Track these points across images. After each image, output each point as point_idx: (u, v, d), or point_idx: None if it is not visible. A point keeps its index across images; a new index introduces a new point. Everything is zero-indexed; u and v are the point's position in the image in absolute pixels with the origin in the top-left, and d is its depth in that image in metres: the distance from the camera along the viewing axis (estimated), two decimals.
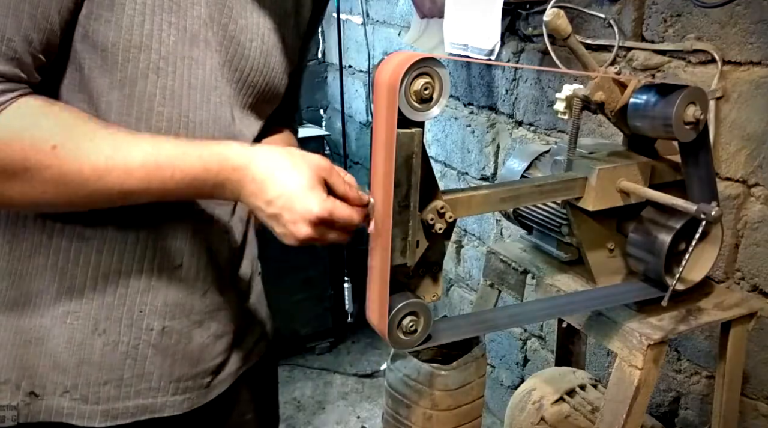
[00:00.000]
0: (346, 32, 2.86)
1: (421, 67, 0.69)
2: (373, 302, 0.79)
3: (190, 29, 0.72)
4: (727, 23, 1.23)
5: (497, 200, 0.93)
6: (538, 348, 2.01)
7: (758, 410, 1.32)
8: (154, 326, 0.79)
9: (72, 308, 0.75)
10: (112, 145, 0.65)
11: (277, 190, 0.68)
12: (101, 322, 0.76)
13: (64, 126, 0.65)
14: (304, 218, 0.67)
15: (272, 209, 0.68)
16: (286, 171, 0.69)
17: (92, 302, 0.76)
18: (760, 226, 1.26)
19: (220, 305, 0.86)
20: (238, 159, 0.69)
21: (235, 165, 0.69)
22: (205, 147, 0.69)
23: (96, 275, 0.75)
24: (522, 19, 1.77)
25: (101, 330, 0.77)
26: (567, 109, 1.06)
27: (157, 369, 0.80)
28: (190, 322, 0.82)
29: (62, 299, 0.75)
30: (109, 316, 0.77)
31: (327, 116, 3.29)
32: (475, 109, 2.10)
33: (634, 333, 1.00)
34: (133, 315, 0.78)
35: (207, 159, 0.68)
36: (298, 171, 0.69)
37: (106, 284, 0.76)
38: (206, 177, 0.68)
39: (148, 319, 0.78)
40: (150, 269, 0.77)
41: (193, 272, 0.81)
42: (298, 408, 2.45)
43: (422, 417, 1.19)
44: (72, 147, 0.64)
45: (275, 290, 2.67)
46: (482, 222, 2.17)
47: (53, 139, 0.63)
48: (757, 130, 1.22)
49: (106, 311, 0.76)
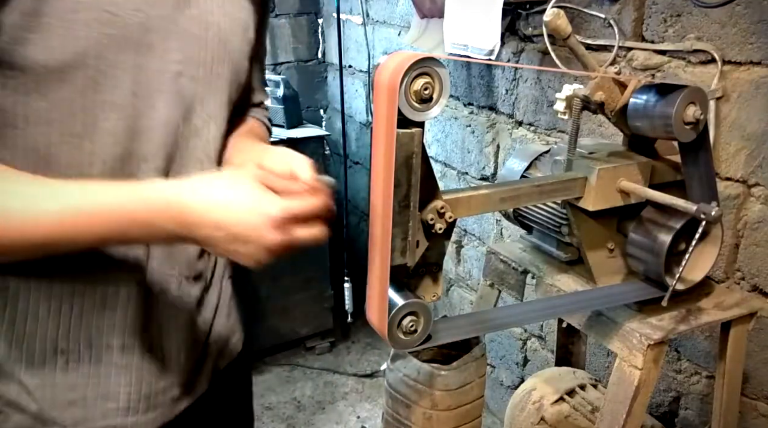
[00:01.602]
0: (346, 32, 2.86)
1: (421, 67, 0.69)
2: (373, 302, 0.79)
3: (132, 36, 0.68)
4: (727, 23, 1.23)
5: (497, 200, 0.93)
6: (538, 348, 2.01)
7: (758, 410, 1.32)
8: (113, 343, 0.75)
9: (28, 330, 0.72)
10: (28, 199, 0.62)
11: (226, 212, 0.64)
12: (60, 341, 0.73)
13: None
14: (265, 225, 0.63)
15: (227, 232, 0.64)
16: (227, 190, 0.65)
17: (48, 324, 0.72)
18: (760, 226, 1.26)
19: (184, 313, 0.82)
20: (164, 194, 0.65)
21: (166, 201, 0.64)
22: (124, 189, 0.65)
23: (49, 296, 0.71)
24: (522, 19, 1.77)
25: (61, 350, 0.73)
26: (567, 109, 1.06)
27: (123, 387, 0.77)
28: (152, 335, 0.79)
29: (17, 324, 0.71)
30: (67, 336, 0.73)
31: (327, 116, 3.29)
32: (475, 109, 2.10)
33: (634, 333, 1.00)
34: (91, 334, 0.74)
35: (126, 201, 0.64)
36: (238, 185, 0.65)
37: (60, 304, 0.72)
38: (131, 220, 0.64)
39: (107, 337, 0.75)
40: (105, 288, 0.74)
41: (153, 284, 0.77)
42: (298, 408, 2.45)
43: (422, 417, 1.19)
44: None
45: (275, 291, 2.68)
46: (482, 222, 2.17)
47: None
48: (757, 130, 1.22)
49: (63, 332, 0.73)
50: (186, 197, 0.65)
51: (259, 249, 0.65)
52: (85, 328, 0.74)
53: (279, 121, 2.54)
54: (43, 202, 0.62)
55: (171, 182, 0.68)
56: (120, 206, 0.64)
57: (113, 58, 0.67)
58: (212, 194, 0.65)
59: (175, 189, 0.66)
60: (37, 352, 0.73)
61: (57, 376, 0.74)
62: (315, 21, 3.11)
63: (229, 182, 0.66)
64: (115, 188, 0.66)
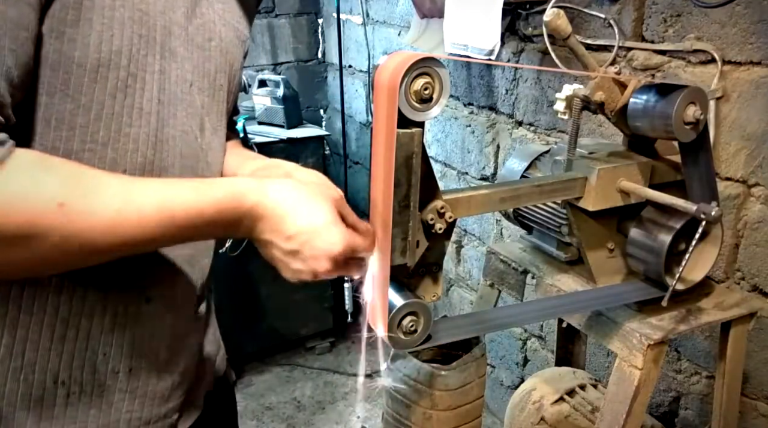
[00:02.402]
0: (346, 32, 2.86)
1: (421, 67, 0.69)
2: (373, 302, 0.79)
3: (159, 40, 0.67)
4: (727, 23, 1.23)
5: (497, 200, 0.93)
6: (538, 348, 2.01)
7: (758, 410, 1.32)
8: (119, 368, 0.72)
9: (26, 361, 0.67)
10: (120, 196, 0.59)
11: (298, 226, 0.65)
12: (62, 372, 0.69)
13: (68, 181, 0.57)
14: (326, 255, 0.65)
15: (292, 245, 0.65)
16: (307, 206, 0.66)
17: (49, 353, 0.68)
18: (760, 226, 1.26)
19: (186, 338, 0.81)
20: (253, 196, 0.65)
21: (252, 202, 0.65)
22: (219, 186, 0.65)
23: (53, 322, 0.67)
24: (522, 19, 1.77)
25: (61, 381, 0.69)
26: (567, 109, 1.06)
27: (124, 414, 0.74)
28: (159, 360, 0.76)
29: (12, 354, 0.66)
30: (70, 364, 0.69)
31: (327, 116, 3.29)
32: (475, 109, 2.10)
33: (634, 333, 1.00)
34: (96, 360, 0.70)
35: (222, 200, 0.64)
36: (318, 205, 0.67)
37: (66, 330, 0.68)
38: (221, 218, 0.64)
39: (113, 362, 0.71)
40: (115, 307, 0.70)
41: (161, 307, 0.75)
42: (298, 408, 2.45)
43: (422, 417, 1.19)
44: (79, 204, 0.57)
45: (275, 291, 2.68)
46: (482, 222, 2.17)
47: (59, 196, 0.55)
48: (757, 130, 1.22)
49: (66, 359, 0.68)
50: (269, 199, 0.65)
51: (307, 272, 0.67)
52: (90, 354, 0.70)
53: (279, 121, 2.54)
54: (140, 198, 0.60)
55: (257, 181, 0.68)
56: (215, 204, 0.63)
57: (143, 60, 0.66)
58: (292, 204, 0.66)
59: (261, 189, 0.66)
60: (35, 385, 0.68)
61: (56, 410, 0.70)
62: (315, 21, 3.11)
63: (310, 196, 0.67)
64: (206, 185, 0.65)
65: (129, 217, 0.59)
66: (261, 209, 0.65)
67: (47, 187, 0.56)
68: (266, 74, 2.68)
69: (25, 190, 0.55)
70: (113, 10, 0.62)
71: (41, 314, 0.67)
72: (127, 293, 0.71)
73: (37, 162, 0.57)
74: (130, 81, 0.65)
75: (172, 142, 0.71)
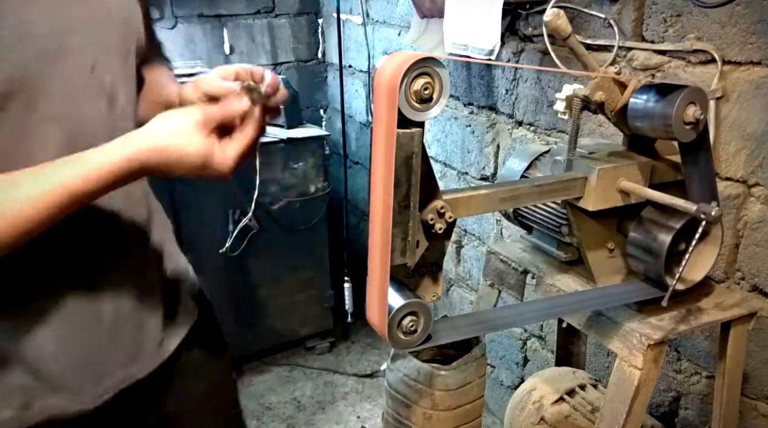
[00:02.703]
0: (346, 32, 2.86)
1: (421, 67, 0.69)
2: (373, 302, 0.79)
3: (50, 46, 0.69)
4: (727, 23, 1.23)
5: (497, 200, 0.93)
6: (538, 348, 2.01)
7: (758, 410, 1.32)
8: None
9: None
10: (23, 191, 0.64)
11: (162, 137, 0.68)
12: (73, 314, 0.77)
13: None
14: (192, 132, 0.68)
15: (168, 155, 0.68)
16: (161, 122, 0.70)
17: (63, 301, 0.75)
18: (760, 226, 1.26)
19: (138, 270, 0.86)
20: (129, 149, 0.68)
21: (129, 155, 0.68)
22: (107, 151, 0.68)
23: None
24: (522, 19, 1.77)
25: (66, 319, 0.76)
26: (567, 109, 1.06)
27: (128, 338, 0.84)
28: None
29: None
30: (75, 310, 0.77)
31: (327, 116, 3.29)
32: (475, 109, 2.10)
33: (634, 333, 1.00)
34: None
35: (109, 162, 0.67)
36: (169, 116, 0.70)
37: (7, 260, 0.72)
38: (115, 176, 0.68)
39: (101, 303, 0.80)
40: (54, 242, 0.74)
41: None
42: (298, 408, 2.45)
43: (422, 417, 1.19)
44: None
45: (275, 291, 2.68)
46: (482, 222, 2.17)
47: None
48: (757, 130, 1.22)
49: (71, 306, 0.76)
50: (137, 142, 0.68)
51: (200, 158, 0.68)
52: None
53: (279, 121, 2.54)
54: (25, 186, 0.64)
55: (125, 138, 0.69)
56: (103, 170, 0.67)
57: (39, 73, 0.68)
58: (150, 128, 0.69)
59: (130, 142, 0.68)
60: None
61: None
62: (315, 21, 3.11)
63: (162, 116, 0.70)
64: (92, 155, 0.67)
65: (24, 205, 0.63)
66: (143, 158, 0.68)
67: None
68: None
69: None
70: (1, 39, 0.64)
71: None
72: None
73: None
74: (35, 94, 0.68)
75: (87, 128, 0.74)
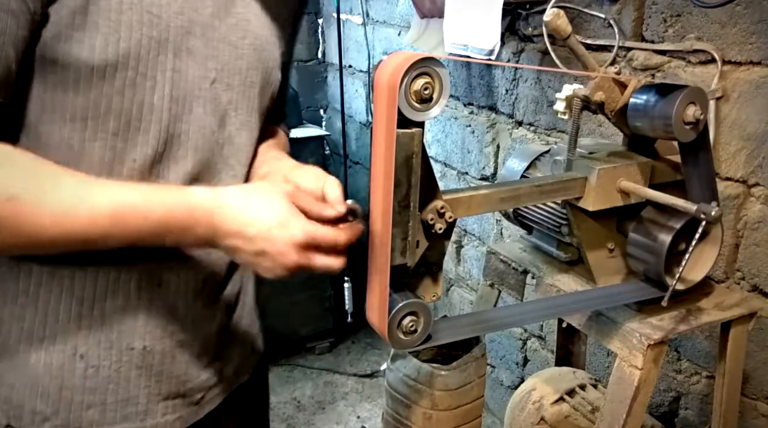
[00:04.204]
0: (346, 32, 2.86)
1: (421, 67, 0.69)
2: (373, 302, 0.79)
3: (173, 41, 0.69)
4: (727, 23, 1.23)
5: (497, 200, 0.93)
6: (538, 348, 2.01)
7: (758, 410, 1.32)
8: (135, 345, 0.76)
9: (48, 333, 0.72)
10: (75, 195, 0.63)
11: (257, 226, 0.67)
12: (80, 346, 0.74)
13: (24, 176, 0.62)
14: (289, 246, 0.67)
15: (255, 246, 0.67)
16: (261, 205, 0.68)
17: (68, 327, 0.73)
18: (760, 226, 1.26)
19: (204, 321, 0.83)
20: (205, 203, 0.67)
21: (204, 211, 0.67)
22: (171, 193, 0.68)
23: (70, 299, 0.72)
24: (522, 19, 1.77)
25: (80, 354, 0.74)
26: (567, 109, 1.06)
27: (143, 390, 0.78)
28: (173, 341, 0.79)
29: (37, 327, 0.72)
30: (87, 340, 0.74)
31: (327, 116, 3.29)
32: (475, 109, 2.10)
33: (634, 333, 1.00)
34: (113, 336, 0.75)
35: (172, 206, 0.66)
36: (272, 202, 0.69)
37: (81, 308, 0.73)
38: (171, 224, 0.66)
39: (128, 339, 0.75)
40: (127, 290, 0.74)
41: (173, 290, 0.78)
42: (298, 408, 2.45)
43: (422, 417, 1.19)
44: (31, 199, 0.61)
45: (275, 291, 2.68)
46: (482, 222, 2.17)
47: (11, 191, 0.60)
48: (757, 130, 1.22)
49: (84, 335, 0.73)
50: (224, 206, 0.68)
51: (277, 267, 0.68)
52: (107, 331, 0.74)
53: None
54: (94, 197, 0.64)
55: (211, 190, 0.70)
56: (165, 209, 0.66)
57: (154, 60, 0.68)
58: (247, 207, 0.68)
59: (214, 198, 0.68)
60: (57, 356, 0.73)
61: (76, 380, 0.74)
62: (315, 21, 3.11)
63: (264, 197, 0.70)
64: (157, 191, 0.67)
65: (80, 215, 0.63)
66: (216, 217, 0.67)
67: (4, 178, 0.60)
68: None
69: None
70: (120, 14, 0.65)
71: (59, 291, 0.72)
72: (139, 276, 0.74)
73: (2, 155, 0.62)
74: (140, 80, 0.68)
75: (185, 136, 0.73)
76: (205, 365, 0.84)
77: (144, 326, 0.76)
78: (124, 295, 0.74)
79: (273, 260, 0.68)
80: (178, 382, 0.80)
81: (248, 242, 0.68)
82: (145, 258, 0.74)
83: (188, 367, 0.81)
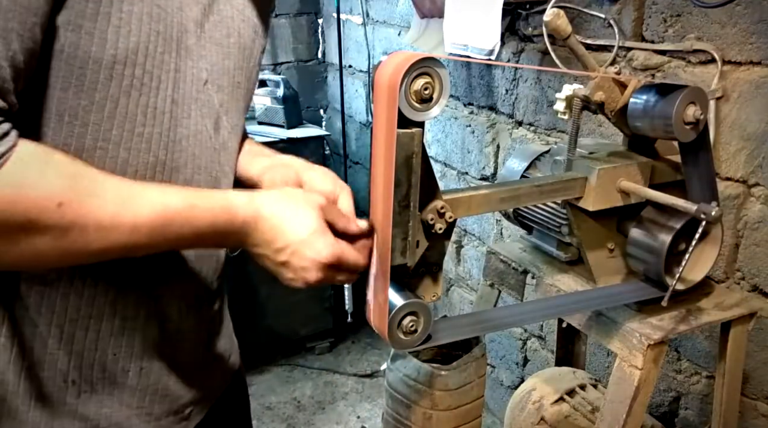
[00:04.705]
0: (346, 32, 2.86)
1: (421, 67, 0.69)
2: (373, 302, 0.79)
3: (176, 38, 0.66)
4: (727, 23, 1.23)
5: (497, 200, 0.93)
6: (538, 348, 2.01)
7: (758, 410, 1.32)
8: (130, 367, 0.73)
9: (36, 359, 0.68)
10: (118, 200, 0.59)
11: (286, 239, 0.68)
12: (72, 372, 0.70)
13: (69, 180, 0.57)
14: (314, 264, 0.68)
15: (281, 257, 0.68)
16: (294, 217, 0.69)
17: (58, 353, 0.69)
18: (760, 226, 1.26)
19: (199, 336, 0.82)
20: (245, 211, 0.67)
21: (245, 218, 0.67)
22: (213, 199, 0.66)
23: (62, 323, 0.68)
24: (522, 19, 1.77)
25: (72, 380, 0.70)
26: (567, 109, 1.06)
27: (135, 410, 0.75)
28: (170, 359, 0.77)
29: (23, 353, 0.68)
30: (80, 364, 0.70)
31: (327, 116, 3.29)
32: (475, 109, 2.10)
33: (634, 333, 1.00)
34: (107, 360, 0.71)
35: (216, 213, 0.65)
36: (304, 216, 0.69)
37: (74, 330, 0.69)
38: (213, 230, 0.65)
39: (123, 362, 0.72)
40: (124, 310, 0.71)
41: (171, 307, 0.76)
42: (298, 408, 2.45)
43: (422, 417, 1.19)
44: (77, 205, 0.56)
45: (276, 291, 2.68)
46: (482, 222, 2.17)
47: (59, 196, 0.55)
48: (757, 130, 1.22)
49: (75, 360, 0.70)
50: (263, 218, 0.68)
51: (298, 280, 0.70)
52: (100, 355, 0.71)
53: (279, 121, 2.54)
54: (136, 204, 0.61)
55: (248, 196, 0.69)
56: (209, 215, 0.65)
57: (159, 58, 0.65)
58: (282, 218, 0.68)
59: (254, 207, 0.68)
60: (46, 383, 0.70)
61: (68, 407, 0.71)
62: (315, 21, 3.11)
63: (298, 209, 0.69)
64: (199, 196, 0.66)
65: (124, 222, 0.59)
66: (252, 223, 0.67)
67: (49, 185, 0.55)
68: (266, 74, 2.68)
69: (27, 187, 0.54)
70: (131, 5, 0.61)
71: (49, 314, 0.68)
72: (136, 295, 0.72)
73: (40, 158, 0.56)
74: (146, 79, 0.64)
75: (185, 142, 0.71)
76: (195, 380, 0.82)
77: (140, 347, 0.74)
78: (120, 316, 0.71)
79: (295, 273, 0.69)
80: (171, 399, 0.79)
81: (275, 253, 0.68)
82: (141, 275, 0.72)
83: (182, 384, 0.80)
